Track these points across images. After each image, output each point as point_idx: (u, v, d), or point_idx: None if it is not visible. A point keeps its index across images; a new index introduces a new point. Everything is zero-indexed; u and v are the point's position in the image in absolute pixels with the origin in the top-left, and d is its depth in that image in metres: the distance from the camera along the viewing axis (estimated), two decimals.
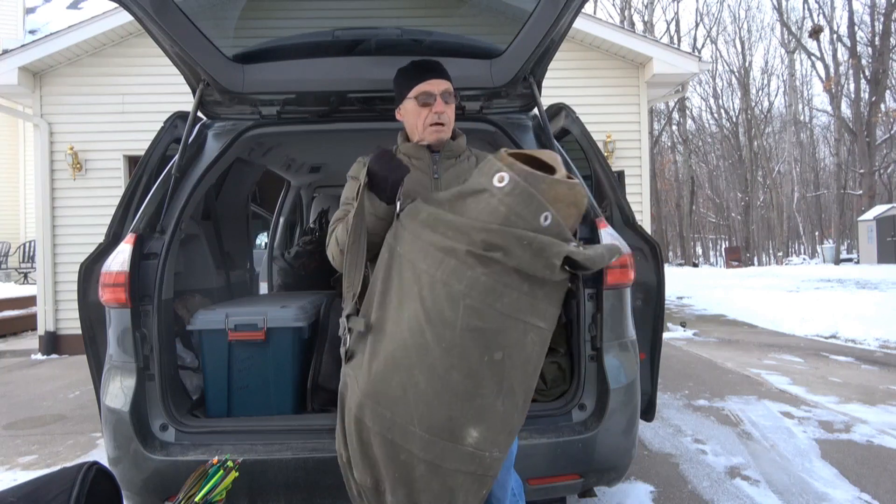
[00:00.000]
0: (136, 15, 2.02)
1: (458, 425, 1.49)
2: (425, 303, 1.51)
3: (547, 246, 1.43)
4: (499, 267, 1.46)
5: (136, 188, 2.54)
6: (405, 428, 1.51)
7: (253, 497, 2.08)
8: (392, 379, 1.53)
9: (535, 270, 1.45)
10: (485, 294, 1.47)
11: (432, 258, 1.52)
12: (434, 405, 1.49)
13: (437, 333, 1.48)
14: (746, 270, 21.70)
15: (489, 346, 1.48)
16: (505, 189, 1.46)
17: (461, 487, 1.52)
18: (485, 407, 1.50)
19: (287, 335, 2.51)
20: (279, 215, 5.55)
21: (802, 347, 7.03)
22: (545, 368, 2.50)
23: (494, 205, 1.47)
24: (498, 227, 1.45)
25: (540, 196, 1.45)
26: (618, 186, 2.64)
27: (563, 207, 1.48)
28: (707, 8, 57.92)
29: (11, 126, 14.85)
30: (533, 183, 1.46)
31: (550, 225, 1.45)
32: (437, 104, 1.90)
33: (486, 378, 1.49)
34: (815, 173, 37.51)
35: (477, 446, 1.50)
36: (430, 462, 1.50)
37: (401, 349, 1.53)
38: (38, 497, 1.37)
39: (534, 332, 1.51)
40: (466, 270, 1.48)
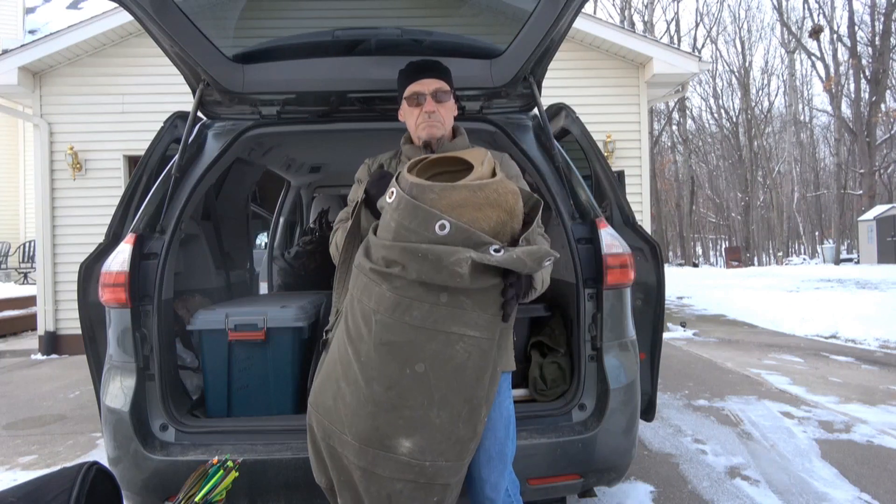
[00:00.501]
0: (136, 15, 2.02)
1: (387, 435, 1.51)
2: (348, 320, 1.58)
3: (443, 255, 1.40)
4: (401, 281, 1.46)
5: (136, 188, 2.54)
6: (340, 436, 1.56)
7: (253, 497, 2.08)
8: (326, 390, 1.61)
9: (444, 280, 1.43)
10: (392, 309, 1.47)
11: (355, 278, 1.60)
12: (360, 416, 1.52)
13: (356, 349, 1.53)
14: (746, 270, 21.70)
15: (407, 360, 1.48)
16: (392, 204, 1.48)
17: (401, 494, 1.53)
18: (415, 419, 1.50)
19: (287, 335, 2.51)
20: (279, 215, 5.55)
21: (802, 347, 7.04)
22: (545, 368, 2.50)
23: (387, 221, 1.50)
24: (391, 243, 1.47)
25: (427, 206, 1.41)
26: (618, 186, 2.64)
27: (469, 212, 1.42)
28: (707, 8, 57.94)
29: (11, 126, 14.85)
30: (418, 194, 1.43)
31: (450, 233, 1.41)
32: (428, 103, 1.90)
33: (411, 390, 1.49)
34: (815, 173, 37.50)
35: (412, 456, 1.51)
36: (364, 469, 1.53)
37: (332, 363, 1.62)
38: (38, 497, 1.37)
39: (463, 341, 1.48)
40: (374, 287, 1.51)
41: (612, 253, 2.23)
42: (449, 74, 1.99)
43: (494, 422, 1.78)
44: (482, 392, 1.56)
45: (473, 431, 1.58)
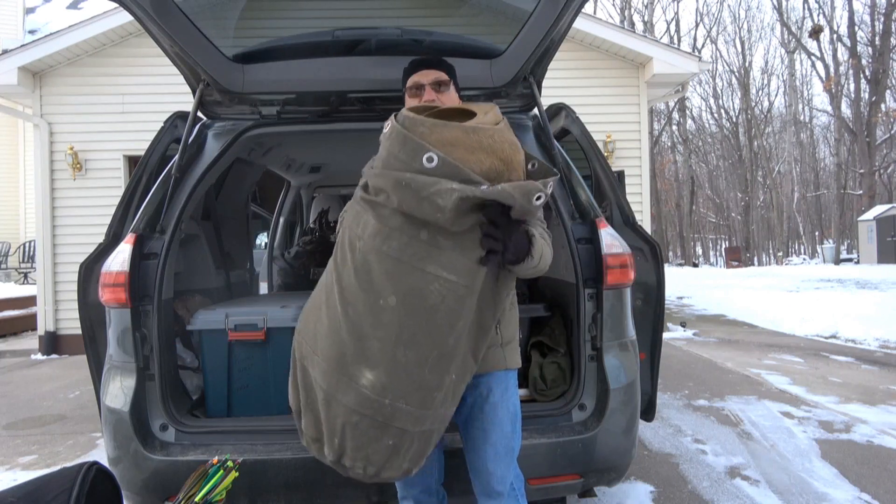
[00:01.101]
0: (136, 15, 2.02)
1: (351, 362, 1.54)
2: (338, 248, 1.63)
3: (426, 185, 1.39)
4: (384, 210, 1.49)
5: (136, 188, 2.54)
6: (313, 357, 1.62)
7: (253, 497, 2.08)
8: (309, 313, 1.69)
9: (425, 213, 1.42)
10: (373, 236, 1.51)
11: (350, 208, 1.65)
12: (331, 339, 1.57)
13: (339, 274, 1.58)
14: (746, 270, 21.70)
15: (379, 290, 1.50)
16: (385, 134, 1.51)
17: (356, 427, 1.55)
18: (380, 351, 1.51)
19: (287, 335, 2.49)
20: (279, 215, 5.55)
21: (802, 347, 7.04)
22: (545, 368, 2.50)
23: (380, 151, 1.53)
24: (379, 171, 1.50)
25: (417, 138, 1.43)
26: (618, 186, 2.64)
27: (461, 152, 1.43)
28: (707, 8, 57.99)
29: (11, 126, 14.85)
30: (410, 126, 1.46)
31: (437, 166, 1.41)
32: (427, 93, 1.92)
33: (381, 322, 1.51)
34: (815, 173, 37.50)
35: (372, 389, 1.52)
36: (326, 391, 1.58)
37: (319, 288, 1.69)
38: (38, 497, 1.37)
39: (438, 282, 1.47)
40: (362, 214, 1.55)
41: (612, 253, 2.23)
42: (449, 67, 2.00)
43: (502, 417, 1.80)
44: (453, 341, 1.54)
45: (440, 381, 1.56)
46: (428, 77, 1.93)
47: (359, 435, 1.56)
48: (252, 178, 4.16)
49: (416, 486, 1.93)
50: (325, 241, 5.22)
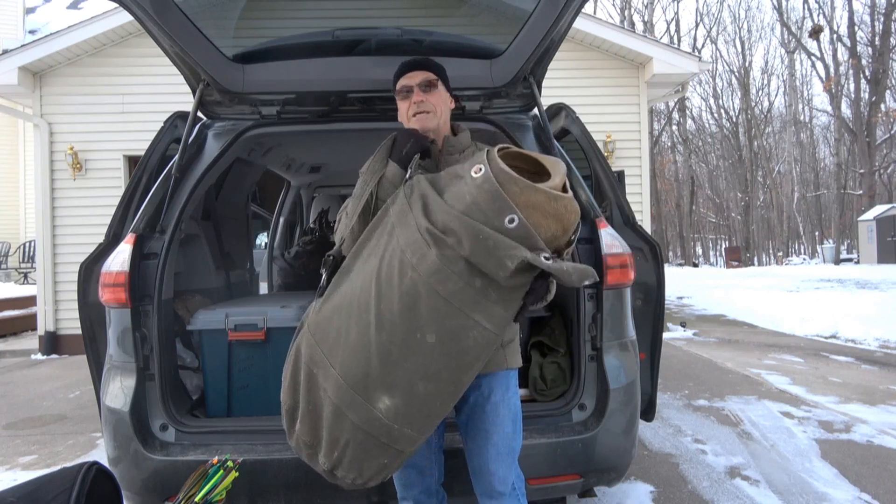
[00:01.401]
0: (136, 15, 2.02)
1: (372, 386, 1.54)
2: (383, 263, 1.58)
3: (501, 245, 1.42)
4: (451, 252, 1.48)
5: (136, 188, 2.54)
6: (328, 369, 1.59)
7: (253, 497, 2.08)
8: (332, 321, 1.62)
9: (488, 268, 1.45)
10: (430, 273, 1.49)
11: (406, 226, 1.59)
12: (356, 357, 1.55)
13: (381, 293, 1.54)
14: (746, 270, 21.70)
15: (422, 326, 1.50)
16: (477, 181, 1.48)
17: (359, 444, 1.57)
18: (402, 381, 1.53)
19: (287, 335, 2.49)
20: (279, 215, 5.55)
21: (802, 347, 7.04)
22: (545, 368, 2.50)
23: (463, 192, 1.50)
24: (457, 214, 1.48)
25: (507, 197, 1.44)
26: (618, 186, 2.64)
27: (537, 216, 1.46)
28: (707, 8, 58.01)
29: (11, 126, 14.85)
30: (504, 182, 1.45)
31: (516, 228, 1.43)
32: (415, 94, 1.90)
33: (413, 354, 1.52)
34: (815, 173, 37.49)
35: (386, 415, 1.54)
36: (337, 406, 1.56)
37: (348, 297, 1.61)
38: (38, 497, 1.37)
39: (477, 330, 1.51)
40: (423, 246, 1.52)
41: (612, 253, 2.23)
42: (436, 67, 1.97)
43: (503, 417, 1.81)
44: (467, 379, 1.59)
45: (445, 411, 1.61)
46: (416, 79, 1.92)
47: (360, 452, 1.58)
48: (252, 178, 4.16)
49: (417, 486, 1.93)
50: (325, 240, 5.22)
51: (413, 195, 1.64)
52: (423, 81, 1.91)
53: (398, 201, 1.68)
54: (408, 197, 1.65)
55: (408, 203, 1.63)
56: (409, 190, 1.68)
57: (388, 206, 1.70)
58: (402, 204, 1.65)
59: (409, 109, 1.91)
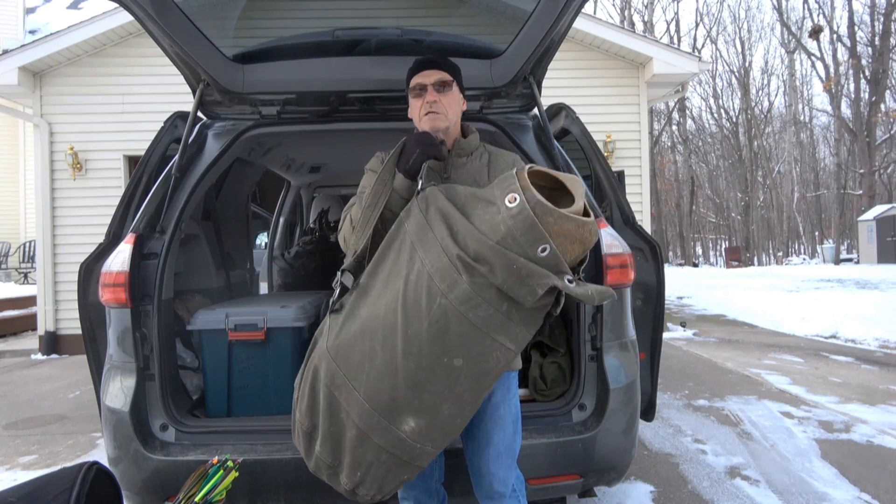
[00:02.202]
0: (136, 15, 2.02)
1: (398, 409, 1.55)
2: (408, 287, 1.56)
3: (534, 275, 1.44)
4: (483, 280, 1.48)
5: (136, 188, 2.54)
6: (351, 392, 1.58)
7: (253, 497, 2.08)
8: (355, 345, 1.60)
9: (517, 295, 1.47)
10: (461, 300, 1.49)
11: (430, 248, 1.56)
12: (382, 382, 1.55)
13: (408, 319, 1.53)
14: (746, 270, 21.70)
15: (450, 350, 1.52)
16: (512, 211, 1.47)
17: (381, 464, 1.59)
18: (429, 403, 1.55)
19: (287, 335, 2.51)
20: (279, 215, 5.55)
21: (802, 347, 7.03)
22: (545, 368, 2.50)
23: (497, 221, 1.49)
24: (492, 244, 1.47)
25: (543, 228, 1.44)
26: (618, 186, 2.64)
27: (565, 242, 1.48)
28: (707, 8, 58.07)
29: (11, 126, 14.85)
30: (541, 214, 1.45)
31: (547, 257, 1.45)
32: (429, 93, 1.89)
33: (440, 378, 1.53)
34: (815, 173, 37.48)
35: (410, 435, 1.56)
36: (361, 430, 1.57)
37: (372, 320, 1.60)
38: (38, 497, 1.37)
39: (500, 351, 1.54)
40: (453, 272, 1.51)
41: (612, 253, 2.23)
42: (452, 68, 1.97)
43: (503, 418, 1.81)
44: (484, 395, 1.61)
45: (462, 427, 1.63)
46: (430, 78, 1.91)
47: (383, 471, 1.60)
48: (252, 178, 4.16)
49: (417, 486, 1.93)
50: (325, 240, 5.22)
51: (430, 211, 1.62)
52: (437, 81, 1.90)
53: (413, 216, 1.65)
54: (424, 212, 1.63)
55: (425, 219, 1.61)
56: (423, 204, 1.65)
57: (403, 221, 1.68)
58: (418, 220, 1.63)
59: (422, 108, 1.90)
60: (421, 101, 1.90)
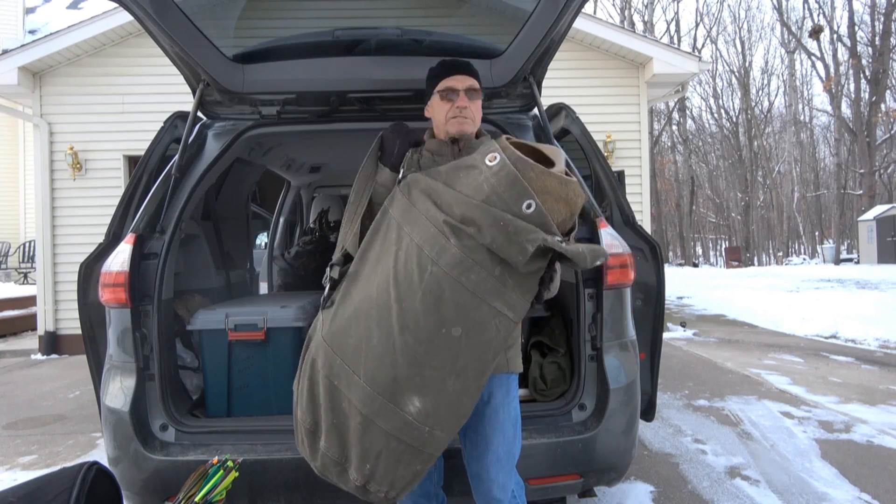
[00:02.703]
0: (136, 15, 2.02)
1: (401, 389, 1.52)
2: (398, 262, 1.55)
3: (522, 231, 1.44)
4: (471, 242, 1.48)
5: (136, 188, 2.54)
6: (350, 377, 1.56)
7: (253, 497, 2.08)
8: (350, 328, 1.59)
9: (508, 254, 1.46)
10: (452, 265, 1.49)
11: (416, 222, 1.57)
12: (381, 362, 1.53)
13: (401, 294, 1.52)
14: (746, 270, 21.69)
15: (448, 320, 1.50)
16: (493, 168, 1.49)
17: (392, 453, 1.55)
18: (432, 379, 1.52)
19: (287, 335, 2.51)
20: (279, 215, 5.55)
21: (802, 347, 7.03)
22: (545, 368, 2.50)
23: (480, 181, 1.50)
24: (477, 203, 1.48)
25: (525, 182, 1.45)
26: (618, 186, 2.64)
27: (550, 201, 1.48)
28: (707, 8, 58.02)
29: (11, 126, 14.85)
30: (521, 168, 1.47)
31: (533, 213, 1.45)
32: (461, 99, 1.90)
33: (440, 350, 1.51)
34: (815, 173, 37.48)
35: (417, 417, 1.53)
36: (366, 416, 1.54)
37: (366, 302, 1.59)
38: (38, 497, 1.37)
39: (499, 318, 1.52)
40: (441, 239, 1.51)
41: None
42: (478, 73, 2.00)
43: (503, 422, 1.80)
44: (489, 371, 1.59)
45: (471, 409, 1.60)
46: (463, 83, 1.92)
47: (393, 461, 1.55)
48: (252, 178, 4.16)
49: (416, 490, 1.92)
50: (325, 240, 5.22)
51: (412, 192, 1.63)
52: (469, 88, 1.92)
53: (396, 201, 1.66)
54: (406, 195, 1.64)
55: (408, 200, 1.62)
56: (405, 189, 1.66)
57: (387, 208, 1.69)
58: (402, 203, 1.63)
59: (450, 111, 1.91)
60: (450, 104, 1.91)
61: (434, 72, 2.00)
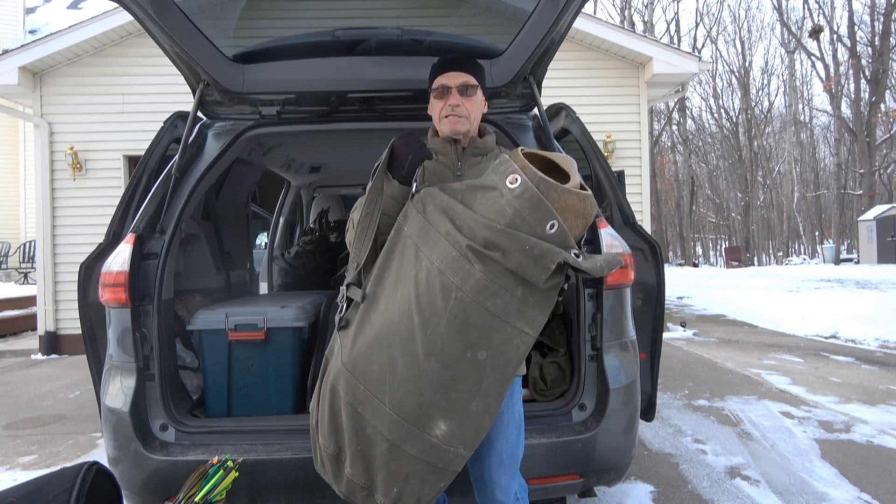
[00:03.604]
0: (136, 15, 2.02)
1: (428, 414, 1.52)
2: (419, 287, 1.53)
3: (547, 253, 1.44)
4: (496, 267, 1.47)
5: (136, 188, 2.54)
6: (375, 405, 1.54)
7: (253, 497, 2.08)
8: (373, 355, 1.56)
9: (532, 276, 1.46)
10: (477, 291, 1.47)
11: (435, 245, 1.54)
12: (407, 389, 1.52)
13: (424, 319, 1.50)
14: (746, 270, 21.69)
15: (473, 344, 1.49)
16: (515, 191, 1.46)
17: (418, 475, 1.55)
18: (458, 402, 1.52)
19: (287, 335, 2.51)
20: (279, 215, 5.55)
21: (802, 347, 7.03)
22: (545, 368, 2.50)
23: (502, 205, 1.47)
24: (501, 228, 1.46)
25: (549, 203, 1.44)
26: (618, 186, 2.64)
27: (570, 217, 1.47)
28: (707, 8, 57.99)
29: (11, 126, 14.85)
30: (544, 190, 1.45)
31: (556, 233, 1.45)
32: (452, 97, 1.85)
33: (466, 374, 1.51)
34: (815, 173, 37.48)
35: (443, 440, 1.53)
36: (392, 443, 1.53)
37: (387, 327, 1.56)
38: (38, 497, 1.37)
39: (520, 337, 1.51)
40: (464, 264, 1.49)
41: (612, 253, 2.23)
42: (478, 69, 1.95)
43: (507, 425, 1.79)
44: (508, 388, 1.59)
45: (491, 424, 1.60)
46: (456, 80, 1.87)
47: (418, 481, 1.56)
48: (252, 178, 4.16)
49: None
50: (325, 240, 5.22)
51: (427, 209, 1.59)
52: (462, 85, 1.87)
53: (411, 219, 1.63)
54: (421, 212, 1.60)
55: (424, 218, 1.58)
56: (420, 205, 1.63)
57: (401, 225, 1.65)
58: (417, 220, 1.60)
59: (443, 110, 1.87)
60: (443, 102, 1.87)
61: (432, 69, 1.96)
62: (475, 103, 1.90)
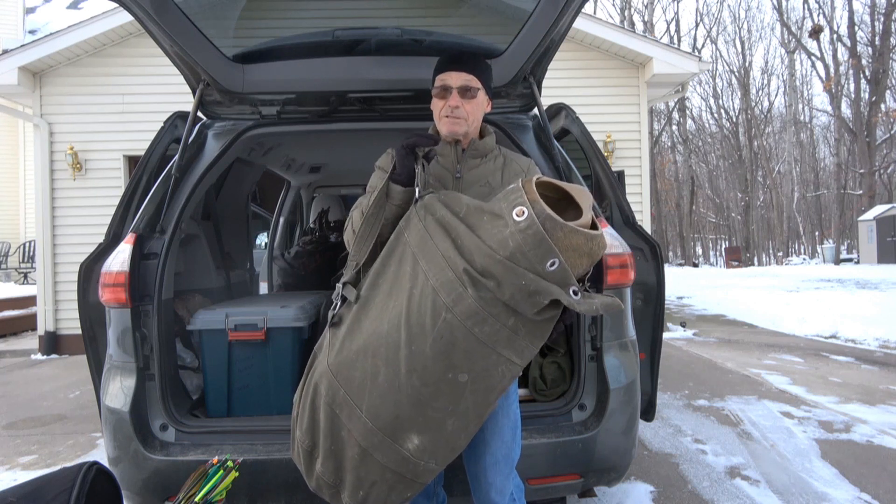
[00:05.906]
0: (136, 15, 2.02)
1: (402, 428, 1.53)
2: (412, 302, 1.53)
3: (541, 290, 1.42)
4: (489, 295, 1.46)
5: (136, 188, 2.54)
6: (353, 410, 1.56)
7: (253, 497, 2.08)
8: (357, 362, 1.58)
9: (522, 309, 1.46)
10: (467, 315, 1.47)
11: (433, 261, 1.53)
12: (385, 400, 1.53)
13: (412, 335, 1.51)
14: (746, 270, 21.69)
15: (455, 366, 1.50)
16: (520, 225, 1.43)
17: (385, 482, 1.57)
18: (433, 420, 1.53)
19: (287, 335, 2.51)
20: (279, 215, 5.56)
21: (802, 347, 7.03)
22: (545, 368, 2.50)
23: (506, 236, 1.45)
24: (500, 259, 1.44)
25: (552, 242, 1.42)
26: (618, 186, 2.64)
27: (574, 256, 1.45)
28: (707, 8, 57.98)
29: (11, 126, 14.85)
30: (550, 228, 1.42)
31: (556, 271, 1.42)
32: (452, 97, 1.83)
33: (444, 394, 1.51)
34: (815, 173, 37.48)
35: (414, 453, 1.54)
36: (364, 449, 1.55)
37: (374, 338, 1.57)
38: (38, 497, 1.37)
39: (505, 365, 1.51)
40: (458, 286, 1.48)
41: (611, 253, 2.22)
42: (482, 69, 1.91)
43: (502, 426, 1.79)
44: (489, 411, 1.59)
45: (466, 443, 1.61)
46: (457, 80, 1.83)
47: (385, 489, 1.57)
48: (252, 178, 4.16)
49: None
50: (325, 240, 5.22)
51: (428, 219, 1.59)
52: (463, 86, 1.83)
53: (413, 226, 1.62)
54: (422, 220, 1.60)
55: (424, 228, 1.58)
56: (421, 212, 1.62)
57: (402, 231, 1.65)
58: (418, 229, 1.60)
59: (443, 110, 1.84)
60: (443, 102, 1.85)
61: (437, 63, 1.93)
62: (476, 105, 1.87)
